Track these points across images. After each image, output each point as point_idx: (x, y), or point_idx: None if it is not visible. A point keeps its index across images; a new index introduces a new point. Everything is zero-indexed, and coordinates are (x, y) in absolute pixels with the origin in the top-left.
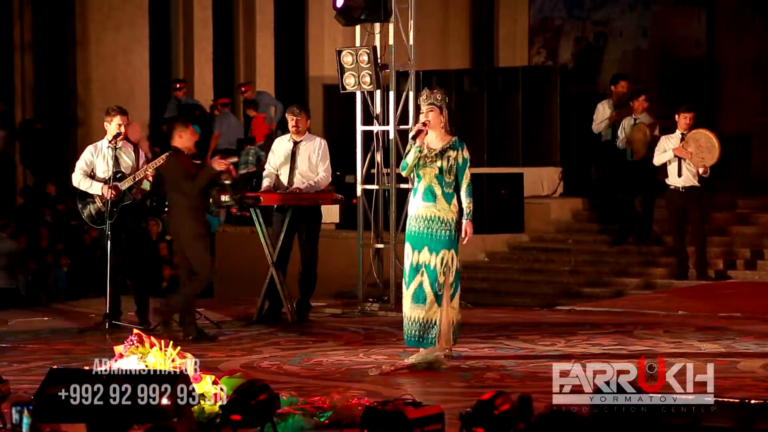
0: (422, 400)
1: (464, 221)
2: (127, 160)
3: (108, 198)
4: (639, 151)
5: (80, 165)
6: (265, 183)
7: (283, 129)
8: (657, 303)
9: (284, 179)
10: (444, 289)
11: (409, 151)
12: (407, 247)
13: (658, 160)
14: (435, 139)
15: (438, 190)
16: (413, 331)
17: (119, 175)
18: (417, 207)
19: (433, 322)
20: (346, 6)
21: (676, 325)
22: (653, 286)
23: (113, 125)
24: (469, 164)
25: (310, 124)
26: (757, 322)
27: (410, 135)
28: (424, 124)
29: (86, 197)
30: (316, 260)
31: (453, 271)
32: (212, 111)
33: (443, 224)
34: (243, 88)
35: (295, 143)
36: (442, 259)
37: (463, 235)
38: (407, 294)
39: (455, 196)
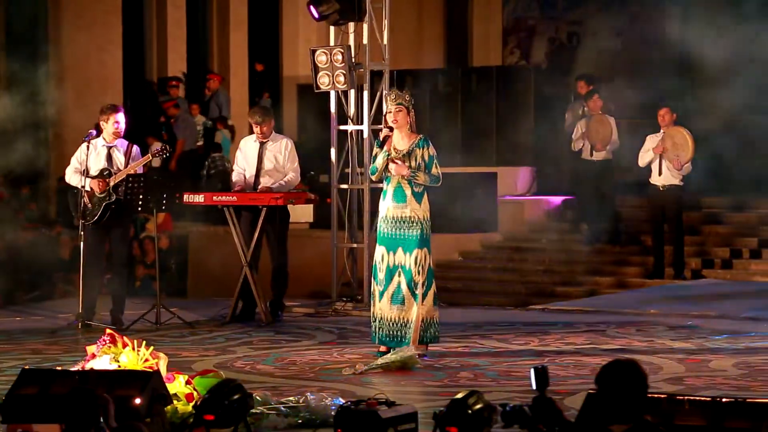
0: (396, 400)
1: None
2: (120, 158)
3: (98, 192)
4: (599, 143)
5: (73, 161)
6: (236, 183)
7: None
8: (630, 302)
9: (251, 179)
10: (418, 287)
11: (377, 155)
12: (380, 249)
13: (642, 161)
14: (401, 140)
15: (408, 190)
16: (390, 331)
17: (106, 172)
18: (387, 208)
19: (410, 321)
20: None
21: (648, 323)
22: (627, 286)
23: (110, 123)
24: (435, 161)
25: (273, 124)
26: (729, 320)
27: (377, 141)
28: (390, 129)
29: (77, 194)
30: (286, 260)
31: (426, 270)
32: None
33: (414, 224)
34: (209, 76)
35: (262, 143)
36: (416, 258)
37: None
38: (385, 295)
39: (425, 195)
